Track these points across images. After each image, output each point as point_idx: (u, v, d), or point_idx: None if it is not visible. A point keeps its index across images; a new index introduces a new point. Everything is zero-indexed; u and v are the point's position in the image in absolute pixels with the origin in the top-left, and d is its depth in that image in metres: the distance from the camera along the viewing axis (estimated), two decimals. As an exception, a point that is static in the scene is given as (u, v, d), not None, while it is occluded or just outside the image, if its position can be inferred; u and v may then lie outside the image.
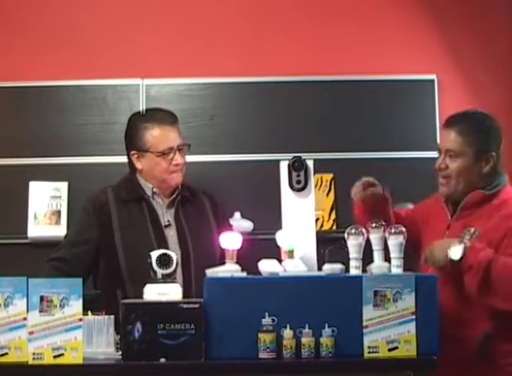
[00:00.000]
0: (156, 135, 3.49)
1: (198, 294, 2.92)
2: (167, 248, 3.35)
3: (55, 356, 2.76)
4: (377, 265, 2.94)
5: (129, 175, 3.60)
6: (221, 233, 3.02)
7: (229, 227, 3.62)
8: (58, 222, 4.33)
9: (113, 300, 3.24)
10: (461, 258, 2.97)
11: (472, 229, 3.11)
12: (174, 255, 2.96)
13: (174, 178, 3.51)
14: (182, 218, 3.53)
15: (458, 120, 3.25)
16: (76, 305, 2.78)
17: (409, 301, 2.82)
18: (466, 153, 3.18)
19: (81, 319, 2.79)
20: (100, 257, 3.47)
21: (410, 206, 3.79)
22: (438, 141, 3.33)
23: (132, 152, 3.54)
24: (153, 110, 3.69)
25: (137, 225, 3.47)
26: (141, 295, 2.92)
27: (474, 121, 3.25)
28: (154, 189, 3.53)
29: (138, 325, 2.77)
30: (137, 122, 3.57)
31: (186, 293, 3.27)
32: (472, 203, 3.18)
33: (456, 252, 2.98)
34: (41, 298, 2.77)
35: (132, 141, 3.55)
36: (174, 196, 3.55)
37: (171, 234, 3.50)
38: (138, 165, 3.53)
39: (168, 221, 3.52)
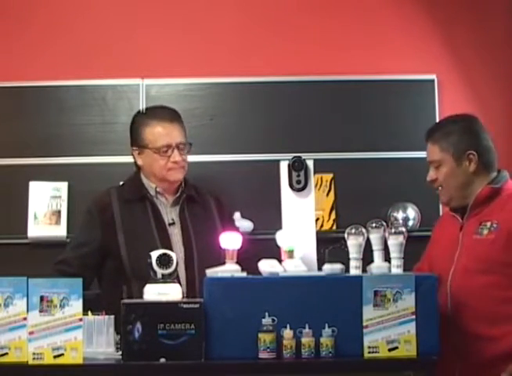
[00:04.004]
0: (154, 132, 3.52)
1: (201, 293, 2.92)
2: (170, 246, 3.38)
3: (55, 356, 2.76)
4: (377, 265, 2.94)
5: (134, 174, 3.62)
6: None
7: (235, 228, 3.61)
8: (58, 222, 4.33)
9: (118, 297, 3.23)
10: None
11: (489, 223, 3.12)
12: (174, 255, 2.96)
13: (173, 174, 3.52)
14: (186, 216, 3.53)
15: (431, 131, 3.30)
16: (76, 305, 2.78)
17: (409, 301, 2.82)
18: (445, 159, 3.22)
19: (81, 319, 2.79)
20: (105, 257, 3.48)
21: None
22: None
23: (133, 148, 3.58)
24: (156, 107, 3.72)
25: (140, 224, 3.48)
26: (146, 293, 2.93)
27: (443, 127, 3.28)
28: (158, 189, 3.54)
29: (138, 325, 2.76)
30: (139, 119, 3.62)
31: (190, 292, 3.28)
32: (483, 198, 3.18)
33: None
34: (41, 298, 2.77)
35: (133, 137, 3.59)
36: (178, 194, 3.56)
37: (175, 232, 3.50)
38: (139, 161, 3.57)
39: (172, 219, 3.52)
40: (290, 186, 3.27)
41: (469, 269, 3.11)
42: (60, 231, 4.30)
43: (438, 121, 3.49)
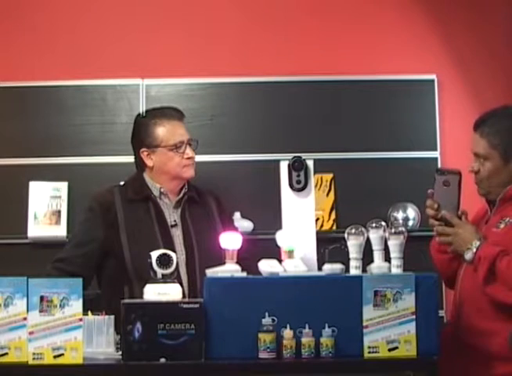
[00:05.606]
0: (166, 130, 3.51)
1: (203, 294, 2.92)
2: (172, 248, 3.36)
3: (55, 356, 2.76)
4: (377, 265, 2.94)
5: (136, 174, 3.60)
6: None
7: (234, 228, 3.61)
8: (58, 222, 4.33)
9: (119, 297, 3.23)
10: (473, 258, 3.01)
11: (507, 219, 3.10)
12: (174, 255, 2.96)
13: (187, 171, 3.52)
14: (187, 218, 3.53)
15: (482, 121, 3.17)
16: (76, 305, 2.78)
17: (409, 301, 2.82)
18: (492, 156, 3.12)
19: (81, 319, 2.78)
20: (106, 256, 3.47)
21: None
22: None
23: (142, 150, 3.54)
24: (160, 107, 3.70)
25: (143, 225, 3.47)
26: (147, 294, 2.93)
27: (494, 121, 3.16)
28: (162, 189, 3.53)
29: (138, 325, 2.76)
30: (145, 120, 3.59)
31: (191, 293, 3.28)
32: (508, 196, 3.13)
33: (468, 254, 3.02)
34: (41, 298, 2.77)
35: (141, 138, 3.55)
36: (180, 196, 3.56)
37: (177, 234, 3.50)
38: (149, 163, 3.53)
39: (175, 221, 3.52)
40: (290, 186, 3.27)
41: None
42: (60, 231, 4.31)
43: (487, 111, 3.22)
